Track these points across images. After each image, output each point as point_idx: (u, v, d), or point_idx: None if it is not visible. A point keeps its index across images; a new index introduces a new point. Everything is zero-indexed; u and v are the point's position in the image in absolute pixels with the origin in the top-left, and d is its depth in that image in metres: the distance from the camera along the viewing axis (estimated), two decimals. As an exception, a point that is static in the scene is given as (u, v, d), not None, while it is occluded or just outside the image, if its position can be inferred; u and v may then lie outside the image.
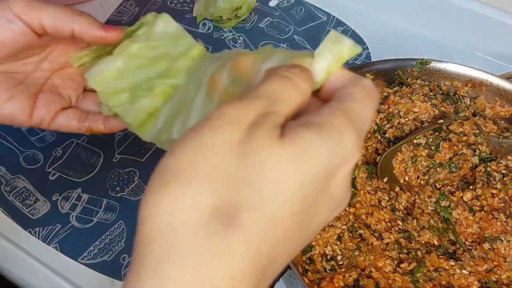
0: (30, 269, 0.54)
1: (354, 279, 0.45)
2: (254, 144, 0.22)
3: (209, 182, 0.22)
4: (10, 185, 0.60)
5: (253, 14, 0.79)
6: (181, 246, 0.21)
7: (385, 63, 0.60)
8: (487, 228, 0.48)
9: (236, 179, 0.22)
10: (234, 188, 0.22)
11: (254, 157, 0.22)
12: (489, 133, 0.55)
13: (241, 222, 0.21)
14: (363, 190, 0.52)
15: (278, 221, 0.22)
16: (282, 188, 0.22)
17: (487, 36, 0.74)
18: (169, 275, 0.21)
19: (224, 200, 0.22)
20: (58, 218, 0.57)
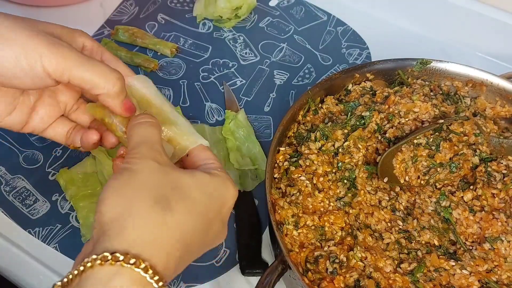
0: (29, 269, 0.54)
1: (354, 279, 0.45)
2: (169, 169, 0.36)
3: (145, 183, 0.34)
4: (10, 185, 0.60)
5: (253, 14, 0.79)
6: (135, 219, 0.32)
7: (385, 63, 0.60)
8: (487, 228, 0.48)
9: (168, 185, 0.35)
10: (166, 189, 0.35)
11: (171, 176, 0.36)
12: (490, 133, 0.55)
13: (172, 207, 0.34)
14: (363, 190, 0.51)
15: (194, 212, 0.35)
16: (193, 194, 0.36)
17: (488, 36, 0.73)
18: (128, 236, 0.32)
19: (161, 195, 0.34)
20: (58, 218, 0.57)
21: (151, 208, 0.33)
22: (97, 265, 0.30)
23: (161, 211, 0.33)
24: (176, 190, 0.35)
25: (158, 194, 0.34)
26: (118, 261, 0.30)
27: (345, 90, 0.60)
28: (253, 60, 0.74)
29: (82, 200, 0.56)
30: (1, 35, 0.36)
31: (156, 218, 0.33)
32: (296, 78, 0.72)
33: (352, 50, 0.75)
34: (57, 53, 0.37)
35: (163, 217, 0.33)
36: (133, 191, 0.34)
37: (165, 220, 0.33)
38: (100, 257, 0.30)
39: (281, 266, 0.46)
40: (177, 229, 0.34)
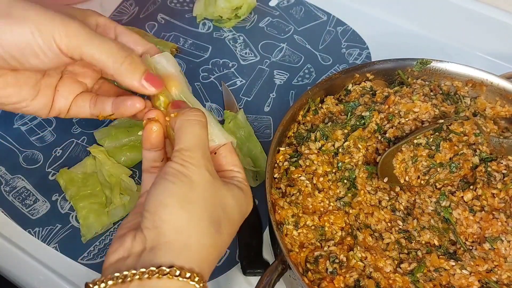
0: (29, 269, 0.54)
1: (354, 279, 0.45)
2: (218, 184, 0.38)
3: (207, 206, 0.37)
4: (10, 185, 0.60)
5: (253, 14, 0.79)
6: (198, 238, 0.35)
7: (385, 63, 0.60)
8: (487, 228, 0.48)
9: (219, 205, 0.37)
10: (219, 210, 0.37)
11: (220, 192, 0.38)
12: (490, 133, 0.55)
13: (222, 230, 0.37)
14: (363, 190, 0.51)
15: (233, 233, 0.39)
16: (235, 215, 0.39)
17: (488, 36, 0.73)
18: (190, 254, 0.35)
19: (216, 216, 0.37)
20: (58, 218, 0.57)
21: (208, 230, 0.36)
22: (165, 278, 0.33)
23: (215, 234, 0.36)
24: (224, 211, 0.38)
25: (212, 215, 0.36)
26: (185, 278, 0.33)
27: (345, 90, 0.60)
28: (253, 60, 0.74)
29: (82, 200, 0.56)
30: (15, 14, 0.37)
31: (210, 240, 0.36)
32: (296, 78, 0.72)
33: (352, 50, 0.75)
34: (69, 30, 0.37)
35: (215, 240, 0.36)
36: (195, 207, 0.36)
37: (216, 242, 0.36)
38: (169, 271, 0.33)
39: (281, 266, 0.46)
40: (222, 249, 0.38)
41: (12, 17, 0.37)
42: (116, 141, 0.61)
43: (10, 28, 0.37)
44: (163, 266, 0.33)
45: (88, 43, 0.38)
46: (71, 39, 0.37)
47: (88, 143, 0.63)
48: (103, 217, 0.56)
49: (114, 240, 0.36)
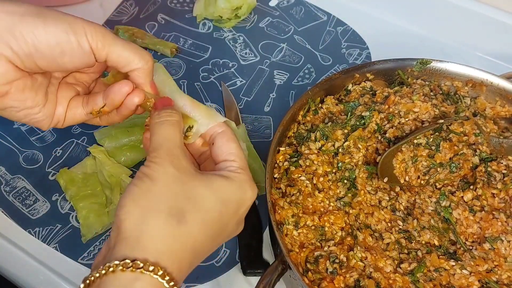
0: (29, 269, 0.54)
1: (354, 279, 0.45)
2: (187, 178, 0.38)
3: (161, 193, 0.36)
4: (10, 185, 0.60)
5: (253, 14, 0.79)
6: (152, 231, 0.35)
7: (385, 63, 0.60)
8: (487, 228, 0.48)
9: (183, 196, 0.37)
10: (181, 201, 0.37)
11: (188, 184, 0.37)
12: (490, 133, 0.55)
13: (186, 219, 0.36)
14: (363, 190, 0.51)
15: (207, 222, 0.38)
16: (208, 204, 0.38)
17: (488, 36, 0.73)
18: (146, 245, 0.35)
19: (177, 207, 0.36)
20: (58, 219, 0.57)
21: (166, 221, 0.35)
22: (119, 270, 0.33)
23: (176, 224, 0.36)
24: (191, 201, 0.37)
25: (173, 206, 0.36)
26: (138, 268, 0.33)
27: (345, 90, 0.60)
28: (253, 60, 0.74)
29: (82, 200, 0.56)
30: (48, 15, 0.39)
31: (171, 231, 0.35)
32: (296, 78, 0.72)
33: (352, 50, 0.75)
34: (98, 31, 0.40)
35: (177, 229, 0.36)
36: (150, 202, 0.36)
37: (179, 232, 0.36)
38: (122, 263, 0.33)
39: (281, 266, 0.46)
40: (189, 239, 0.36)
41: (46, 17, 0.39)
42: (116, 141, 0.61)
43: (44, 26, 0.38)
44: (117, 260, 0.33)
45: (115, 43, 0.41)
46: (101, 39, 0.40)
47: (88, 143, 0.63)
48: (103, 217, 0.56)
49: None
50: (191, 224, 0.36)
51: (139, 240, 0.34)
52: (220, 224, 0.39)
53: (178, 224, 0.36)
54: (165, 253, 0.35)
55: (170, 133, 0.40)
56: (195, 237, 0.37)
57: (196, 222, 0.37)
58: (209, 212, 0.38)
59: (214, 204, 0.38)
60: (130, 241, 0.35)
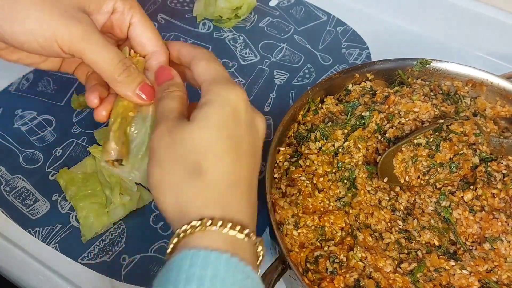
0: (29, 269, 0.54)
1: (354, 279, 0.45)
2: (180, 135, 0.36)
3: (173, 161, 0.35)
4: (10, 185, 0.60)
5: (253, 14, 0.79)
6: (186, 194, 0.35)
7: (385, 63, 0.60)
8: (487, 228, 0.48)
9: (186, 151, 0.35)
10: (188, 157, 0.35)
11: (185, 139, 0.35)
12: (490, 133, 0.54)
13: (205, 168, 0.35)
14: (363, 190, 0.51)
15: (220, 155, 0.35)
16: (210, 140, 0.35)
17: (488, 36, 0.73)
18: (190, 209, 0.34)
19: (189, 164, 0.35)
20: (58, 218, 0.57)
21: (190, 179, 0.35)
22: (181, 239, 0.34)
23: (197, 177, 0.35)
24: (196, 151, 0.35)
25: (187, 167, 0.35)
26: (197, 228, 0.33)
27: (345, 90, 0.60)
28: (253, 60, 0.74)
29: (82, 200, 0.56)
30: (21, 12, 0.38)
31: (200, 185, 0.35)
32: (296, 78, 0.72)
33: (352, 50, 0.75)
34: (72, 34, 0.38)
35: (203, 180, 0.35)
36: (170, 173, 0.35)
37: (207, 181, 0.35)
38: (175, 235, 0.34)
39: (281, 266, 0.46)
40: (218, 181, 0.35)
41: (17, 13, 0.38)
42: (116, 141, 0.61)
43: (11, 26, 0.38)
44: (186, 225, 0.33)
45: (90, 49, 0.39)
46: (73, 43, 0.38)
47: (88, 143, 0.63)
48: (103, 217, 0.56)
49: None
50: (209, 169, 0.35)
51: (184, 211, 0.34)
52: (233, 145, 0.36)
53: (200, 177, 0.34)
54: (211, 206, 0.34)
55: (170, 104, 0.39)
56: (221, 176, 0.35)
57: (211, 163, 0.35)
58: (218, 145, 0.35)
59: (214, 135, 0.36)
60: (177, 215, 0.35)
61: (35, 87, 0.69)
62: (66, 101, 0.68)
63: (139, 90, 0.41)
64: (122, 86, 0.41)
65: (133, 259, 0.54)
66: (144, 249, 0.55)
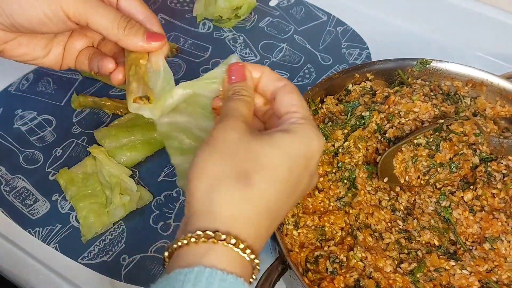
0: (29, 269, 0.54)
1: (355, 279, 0.45)
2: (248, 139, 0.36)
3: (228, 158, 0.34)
4: (10, 185, 0.60)
5: (253, 14, 0.79)
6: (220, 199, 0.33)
7: (385, 63, 0.60)
8: (487, 228, 0.48)
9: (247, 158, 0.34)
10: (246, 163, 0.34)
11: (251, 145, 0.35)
12: (490, 133, 0.54)
13: (254, 181, 0.34)
14: (363, 190, 0.51)
15: (276, 180, 0.35)
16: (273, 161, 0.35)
17: (488, 36, 0.73)
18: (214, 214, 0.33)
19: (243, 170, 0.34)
20: (58, 218, 0.57)
21: (234, 186, 0.34)
22: (192, 243, 0.32)
23: (243, 187, 0.34)
24: (255, 162, 0.35)
25: (239, 170, 0.34)
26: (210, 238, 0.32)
27: (345, 90, 0.60)
28: (253, 60, 0.74)
29: (82, 200, 0.56)
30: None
31: (240, 195, 0.34)
32: (296, 78, 0.72)
33: (352, 50, 0.75)
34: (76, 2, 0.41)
35: (246, 192, 0.34)
36: (216, 168, 0.34)
37: (248, 195, 0.34)
38: (195, 235, 0.32)
39: (281, 266, 0.46)
40: (261, 201, 0.34)
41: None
42: (116, 141, 0.61)
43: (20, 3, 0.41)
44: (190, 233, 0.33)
45: (94, 11, 0.42)
46: (78, 8, 0.41)
47: (88, 143, 0.63)
48: (103, 217, 0.56)
49: None
50: (258, 185, 0.34)
51: (209, 210, 0.33)
52: (291, 181, 0.36)
53: (245, 187, 0.34)
54: (237, 220, 0.33)
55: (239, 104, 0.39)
56: (267, 198, 0.34)
57: (264, 181, 0.34)
58: (277, 170, 0.35)
59: (280, 161, 0.35)
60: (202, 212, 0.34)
61: (35, 87, 0.69)
62: (66, 101, 0.68)
63: (146, 38, 0.43)
64: (130, 38, 0.43)
65: (133, 259, 0.54)
66: (144, 249, 0.55)
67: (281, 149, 0.36)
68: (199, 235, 0.32)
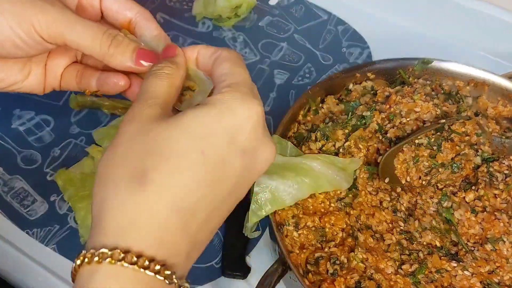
0: (27, 270, 0.53)
1: (355, 281, 0.45)
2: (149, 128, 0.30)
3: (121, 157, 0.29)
4: (7, 185, 0.59)
5: (253, 13, 0.79)
6: (110, 207, 0.28)
7: (386, 62, 0.60)
8: (489, 229, 0.48)
9: (143, 151, 0.29)
10: (141, 157, 0.29)
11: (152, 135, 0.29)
12: (492, 133, 0.54)
13: (150, 178, 0.28)
14: (364, 190, 0.51)
15: (186, 170, 0.28)
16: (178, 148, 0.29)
17: (489, 35, 0.73)
18: (105, 223, 0.27)
19: (136, 167, 0.28)
20: (56, 219, 0.57)
21: (125, 189, 0.28)
22: (85, 264, 0.27)
23: (137, 188, 0.27)
24: (154, 153, 0.28)
25: (133, 169, 0.28)
26: (95, 257, 0.26)
27: (346, 90, 0.60)
28: (253, 60, 0.73)
29: (81, 201, 0.56)
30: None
31: (131, 199, 0.27)
32: (296, 78, 0.71)
33: (353, 49, 0.75)
34: (48, 17, 0.35)
35: (140, 194, 0.27)
36: (111, 169, 0.29)
37: (142, 196, 0.27)
38: (81, 256, 0.27)
39: (281, 267, 0.45)
40: (162, 200, 0.28)
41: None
42: (115, 141, 0.60)
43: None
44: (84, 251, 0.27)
45: (70, 30, 0.35)
46: (51, 27, 0.35)
47: (87, 143, 0.63)
48: (102, 218, 0.56)
49: None
50: (157, 181, 0.28)
51: (97, 224, 0.27)
52: (209, 165, 0.29)
53: (139, 187, 0.27)
54: (129, 229, 0.27)
55: (155, 84, 0.33)
56: (172, 193, 0.28)
57: (164, 175, 0.28)
58: (183, 157, 0.28)
59: (189, 145, 0.29)
60: (93, 226, 0.28)
61: (33, 86, 0.69)
62: (64, 101, 0.67)
63: (135, 57, 0.36)
64: (116, 58, 0.36)
65: (132, 260, 0.54)
66: (143, 250, 0.55)
67: (190, 130, 0.29)
68: (84, 255, 0.27)
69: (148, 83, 0.33)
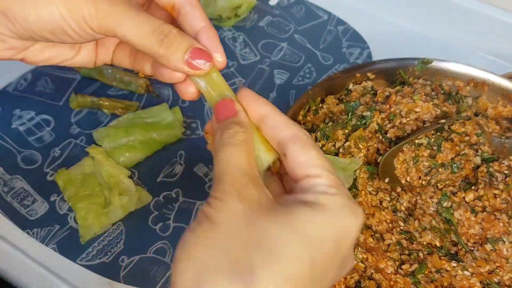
0: (28, 270, 0.53)
1: (355, 280, 0.45)
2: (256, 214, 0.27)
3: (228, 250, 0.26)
4: (8, 185, 0.59)
5: (253, 13, 0.79)
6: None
7: (386, 63, 0.60)
8: (489, 229, 0.48)
9: (251, 244, 0.26)
10: (249, 251, 0.26)
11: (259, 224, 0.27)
12: (491, 133, 0.54)
13: (258, 278, 0.25)
14: (364, 190, 0.51)
15: (292, 277, 0.26)
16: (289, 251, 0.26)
17: (489, 35, 0.73)
18: None
19: (243, 261, 0.26)
20: (56, 219, 0.57)
21: (228, 281, 0.25)
22: None
23: (241, 285, 0.25)
24: (263, 250, 0.26)
25: (237, 260, 0.26)
26: None
27: (346, 90, 0.60)
28: (253, 60, 0.73)
29: (81, 201, 0.56)
30: None
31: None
32: (296, 78, 0.71)
33: (353, 50, 0.75)
34: (99, 9, 0.33)
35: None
36: (208, 255, 0.26)
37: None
38: None
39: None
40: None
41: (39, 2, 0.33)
42: (115, 141, 0.60)
43: (35, 12, 0.33)
44: None
45: (121, 24, 0.33)
46: (102, 20, 0.33)
47: (87, 143, 0.63)
48: (102, 218, 0.55)
49: None
50: (264, 283, 0.25)
51: None
52: (313, 276, 0.27)
53: (244, 285, 0.25)
54: None
55: (235, 155, 0.30)
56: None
57: (273, 279, 0.25)
58: (294, 262, 0.26)
59: (300, 249, 0.26)
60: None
61: (34, 86, 0.69)
62: (64, 101, 0.67)
63: (189, 58, 0.33)
64: (167, 59, 0.33)
65: (132, 260, 0.54)
66: (143, 250, 0.55)
67: (302, 232, 0.27)
68: None
69: (228, 156, 0.30)
